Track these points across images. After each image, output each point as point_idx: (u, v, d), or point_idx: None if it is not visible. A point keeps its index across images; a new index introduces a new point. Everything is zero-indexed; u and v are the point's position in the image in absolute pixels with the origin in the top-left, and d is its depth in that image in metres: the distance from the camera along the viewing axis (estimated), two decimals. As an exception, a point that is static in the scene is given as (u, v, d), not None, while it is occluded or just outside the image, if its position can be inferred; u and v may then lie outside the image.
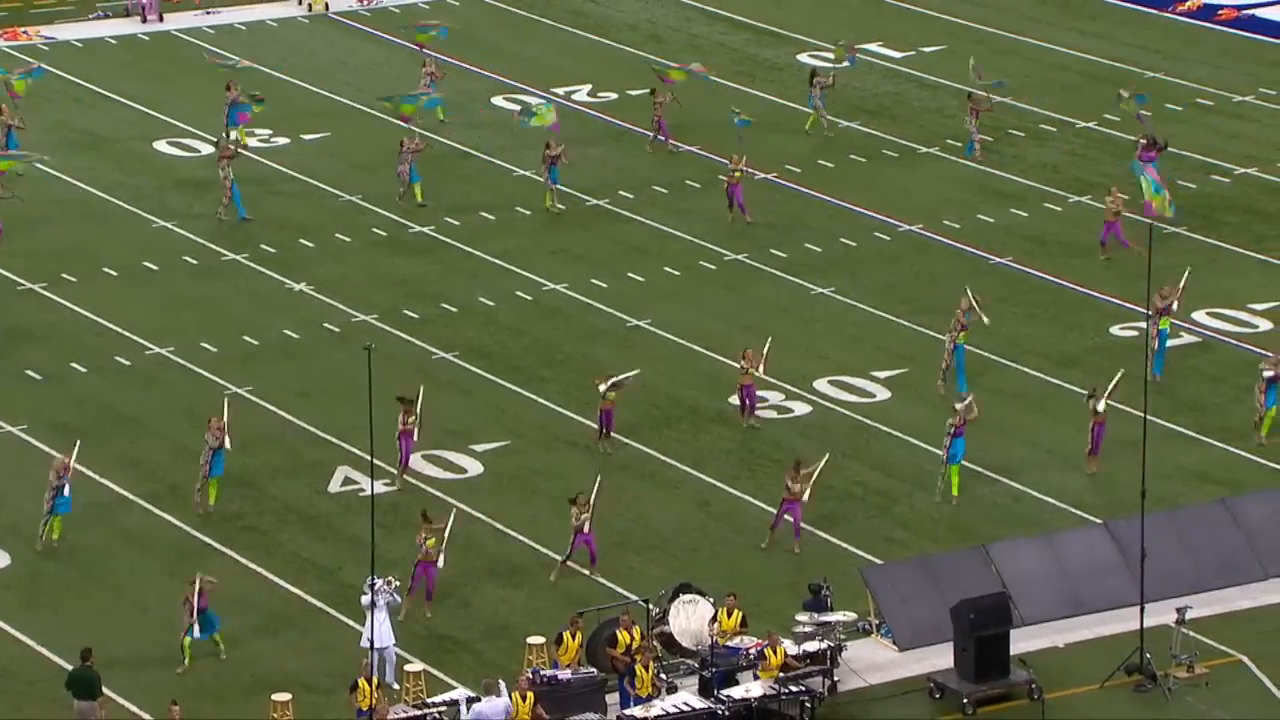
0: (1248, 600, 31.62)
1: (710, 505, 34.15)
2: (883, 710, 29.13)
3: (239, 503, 34.09)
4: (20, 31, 54.24)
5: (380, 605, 29.15)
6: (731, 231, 43.80)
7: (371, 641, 28.55)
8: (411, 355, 38.87)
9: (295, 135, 48.23)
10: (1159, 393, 35.18)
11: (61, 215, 43.77)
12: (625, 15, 56.70)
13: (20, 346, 38.76)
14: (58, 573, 31.89)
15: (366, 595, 29.17)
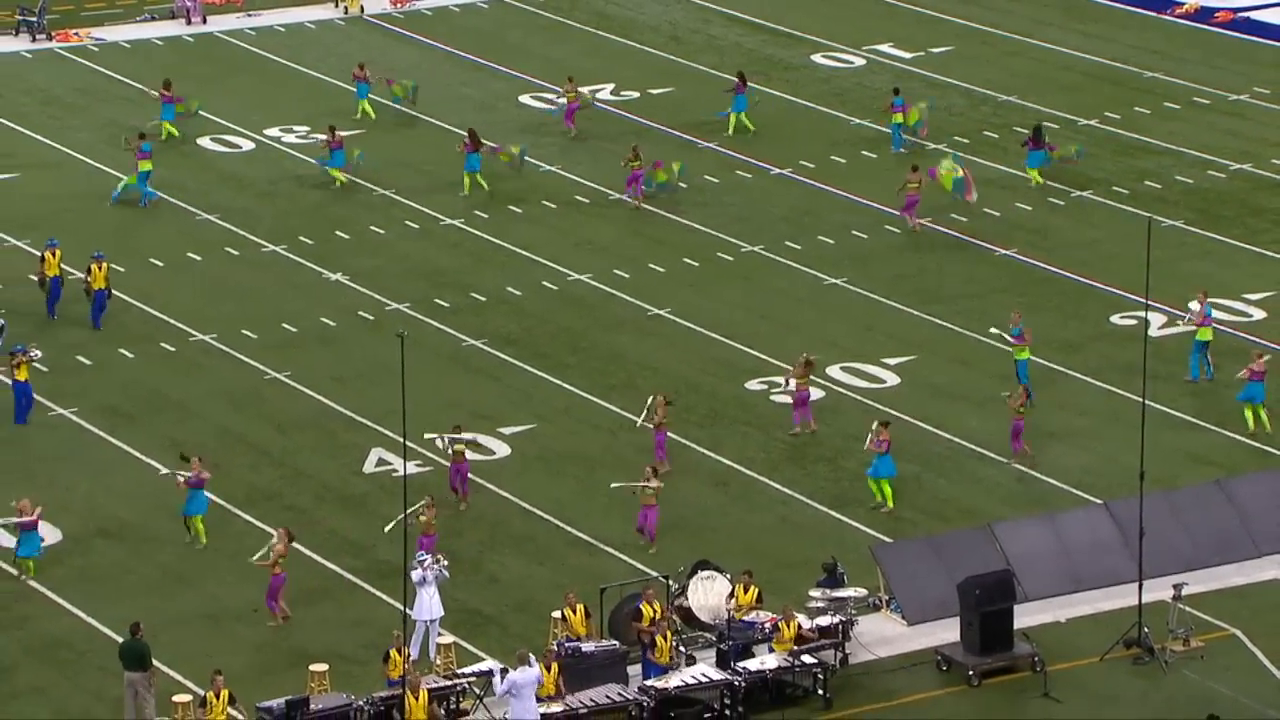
0: (1241, 577, 31.56)
1: (728, 486, 34.13)
2: (892, 681, 29.10)
3: (279, 483, 34.14)
4: (72, 33, 54.31)
5: (430, 580, 29.18)
6: (748, 224, 43.75)
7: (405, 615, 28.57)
8: (442, 342, 38.89)
9: (331, 132, 48.21)
10: (1157, 378, 35.06)
11: (111, 208, 43.77)
12: (647, 18, 56.65)
13: (71, 333, 38.83)
14: (106, 549, 31.97)
15: (417, 571, 29.20)
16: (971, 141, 48.19)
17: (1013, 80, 51.96)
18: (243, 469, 34.48)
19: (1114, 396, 36.47)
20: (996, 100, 50.65)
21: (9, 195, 44.39)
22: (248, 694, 27.53)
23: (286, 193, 45.41)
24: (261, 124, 48.45)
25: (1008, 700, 28.90)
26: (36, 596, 31.09)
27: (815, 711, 28.27)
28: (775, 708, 28.00)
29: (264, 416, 36.02)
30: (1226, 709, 27.31)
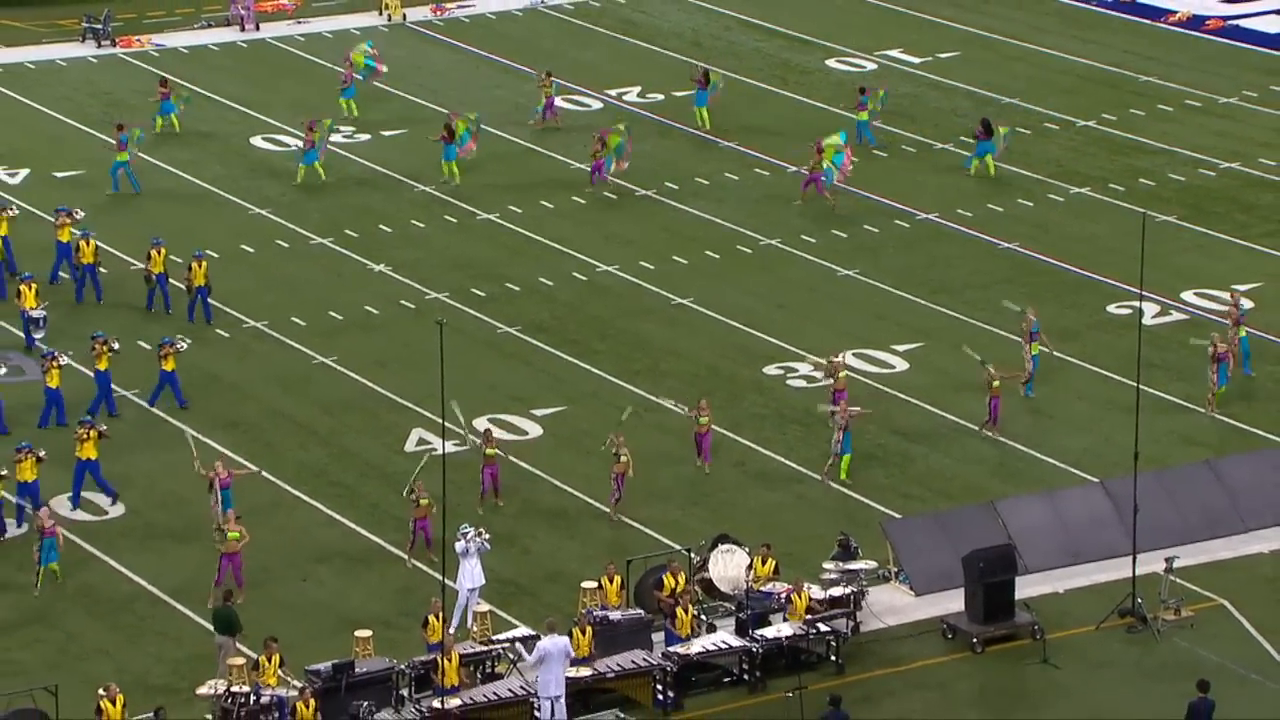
0: (1229, 551, 31.51)
1: (745, 464, 34.10)
2: (900, 648, 29.09)
3: (325, 460, 34.19)
4: (134, 39, 54.38)
5: (472, 552, 29.20)
6: (766, 219, 43.70)
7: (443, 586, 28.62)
8: (479, 329, 38.90)
9: (376, 132, 48.29)
10: (1152, 365, 34.95)
11: (169, 203, 43.85)
12: (671, 25, 56.57)
13: (134, 321, 38.90)
14: (166, 521, 32.07)
15: (460, 542, 29.22)
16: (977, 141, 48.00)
17: (1014, 83, 51.81)
18: (292, 448, 34.54)
19: (1110, 381, 36.38)
20: (1000, 102, 50.50)
21: (76, 190, 44.44)
22: (297, 658, 27.59)
23: (333, 188, 45.44)
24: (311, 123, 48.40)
25: (1009, 666, 28.88)
26: (101, 565, 31.19)
27: (828, 676, 28.25)
28: (791, 673, 27.97)
29: (312, 398, 36.08)
30: (1214, 674, 27.24)
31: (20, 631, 29.44)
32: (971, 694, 28.54)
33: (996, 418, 34.53)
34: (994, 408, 34.48)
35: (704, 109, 48.11)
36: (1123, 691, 28.29)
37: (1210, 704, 26.27)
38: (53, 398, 34.41)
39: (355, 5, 57.58)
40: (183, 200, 44.55)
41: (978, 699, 28.50)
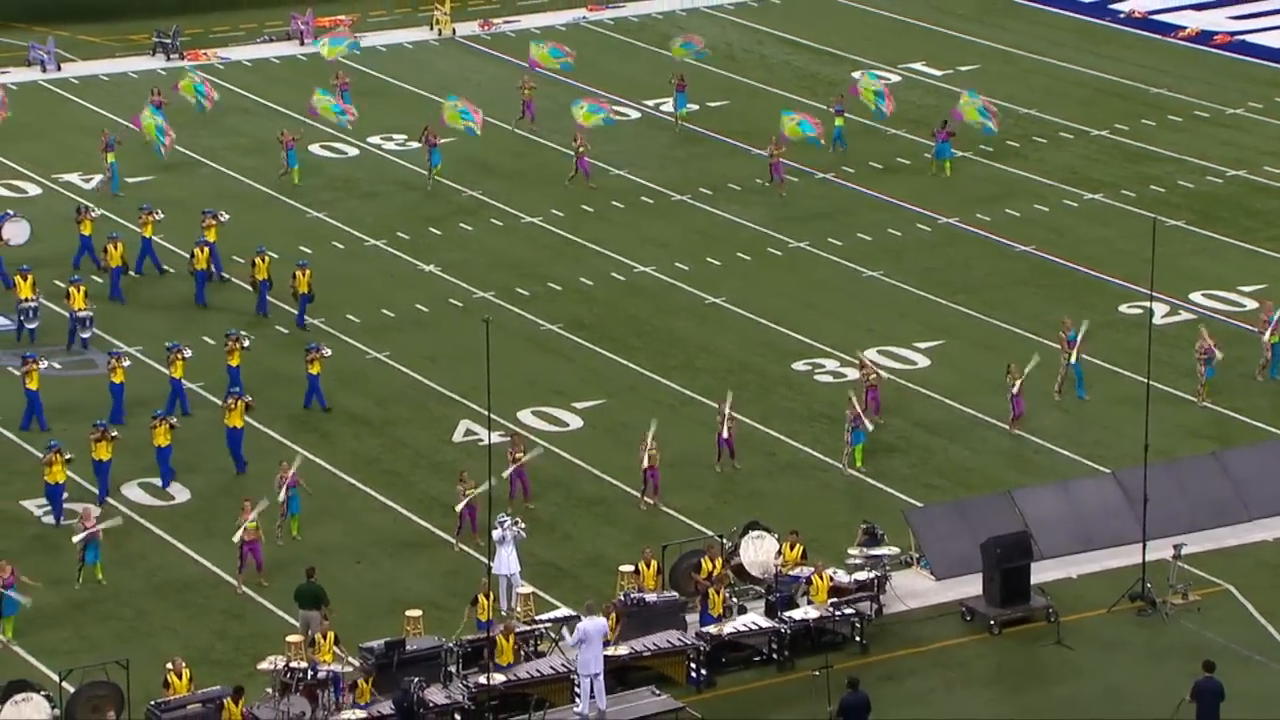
0: (1234, 539, 31.36)
1: (775, 455, 34.04)
2: (921, 630, 29.01)
3: (378, 450, 34.24)
4: (201, 52, 54.57)
5: (508, 539, 29.22)
6: (794, 222, 43.63)
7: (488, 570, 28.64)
8: (522, 326, 38.92)
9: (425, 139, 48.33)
10: (1160, 362, 34.80)
11: (232, 207, 43.99)
12: (706, 39, 56.36)
13: (199, 318, 39.03)
14: (229, 506, 32.11)
15: (498, 530, 29.23)
16: (995, 149, 47.90)
17: (1032, 95, 51.62)
18: (347, 438, 34.60)
19: (1121, 377, 36.22)
20: (1018, 113, 50.33)
21: (147, 197, 44.58)
22: (351, 636, 27.64)
23: (387, 194, 45.53)
24: (365, 133, 48.55)
25: (1024, 647, 28.78)
26: (169, 548, 31.30)
27: (853, 656, 28.19)
28: (817, 653, 27.92)
29: (366, 391, 36.14)
30: (1219, 655, 27.10)
31: (93, 609, 29.58)
32: (989, 673, 28.46)
33: (1021, 414, 34.29)
34: (1018, 405, 34.25)
35: (683, 111, 48.48)
36: (1132, 671, 28.18)
37: (1216, 684, 26.14)
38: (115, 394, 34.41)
39: (407, 21, 57.67)
40: (245, 203, 44.65)
41: (995, 678, 28.41)
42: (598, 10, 58.51)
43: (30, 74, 52.72)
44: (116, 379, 34.40)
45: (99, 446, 31.71)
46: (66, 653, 28.03)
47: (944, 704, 27.60)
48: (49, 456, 31.31)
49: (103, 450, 31.69)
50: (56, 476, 31.17)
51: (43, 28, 55.50)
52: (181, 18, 56.10)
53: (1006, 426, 34.59)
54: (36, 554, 30.20)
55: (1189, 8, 58.49)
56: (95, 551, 29.95)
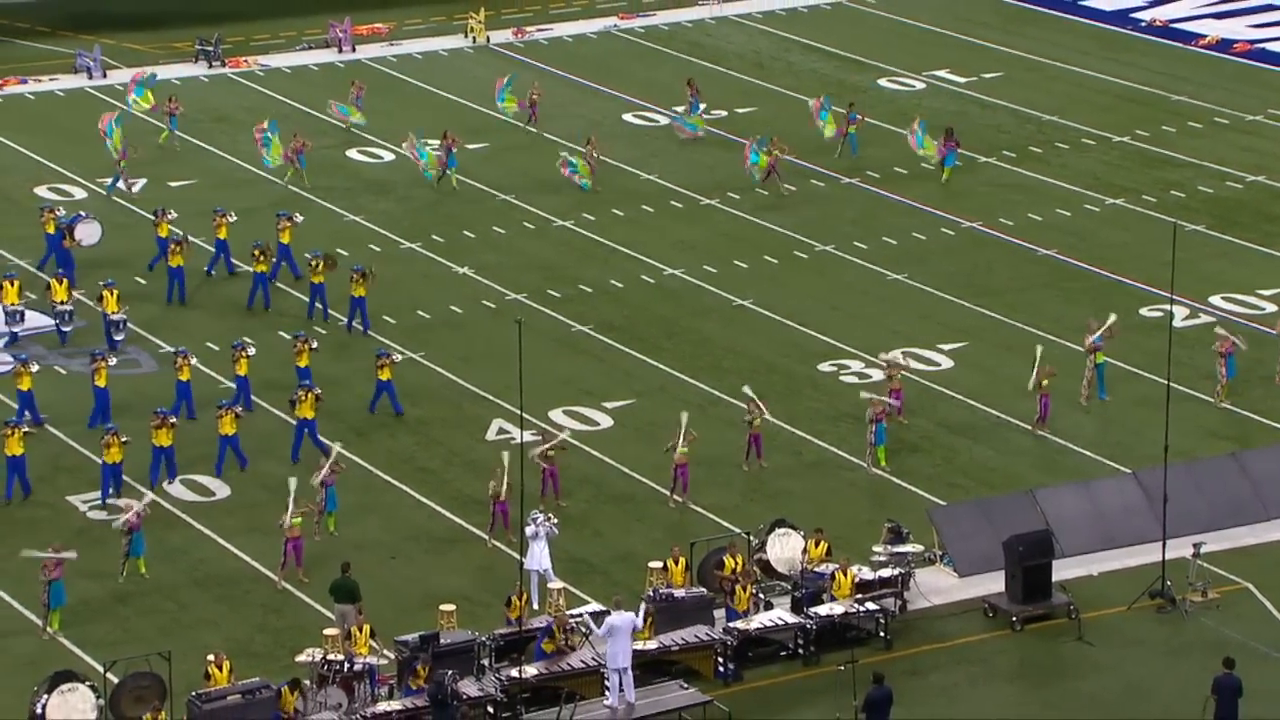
0: (1253, 538, 31.23)
1: (801, 454, 34.00)
2: (944, 626, 28.95)
3: (413, 448, 34.29)
4: (242, 60, 54.73)
5: (541, 535, 29.23)
6: (820, 226, 43.59)
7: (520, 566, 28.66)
8: (554, 328, 38.94)
9: (460, 145, 48.38)
10: (1180, 364, 34.64)
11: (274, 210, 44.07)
12: (734, 46, 56.48)
13: (239, 319, 39.12)
14: (268, 501, 32.20)
15: (531, 526, 29.25)
16: (1018, 154, 47.79)
17: (1054, 101, 51.47)
18: (383, 436, 34.66)
19: (1142, 379, 36.10)
20: (1040, 119, 50.22)
21: (187, 197, 44.74)
22: (387, 629, 27.69)
23: (421, 197, 45.60)
24: (401, 138, 48.62)
25: (1046, 643, 28.70)
26: (210, 542, 31.40)
27: (877, 651, 28.15)
28: (843, 648, 27.88)
29: (401, 390, 36.15)
30: (1238, 652, 26.99)
31: (137, 602, 29.69)
32: (1011, 668, 28.38)
33: (1046, 416, 34.21)
34: (1044, 406, 34.17)
35: (697, 115, 48.58)
36: (1152, 667, 28.09)
37: (1236, 680, 26.04)
38: (181, 392, 34.50)
39: (443, 29, 57.76)
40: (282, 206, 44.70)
41: (1017, 673, 28.34)
42: (628, 19, 58.52)
43: (77, 81, 52.96)
44: (183, 376, 34.49)
45: (159, 434, 32.17)
46: (110, 644, 28.14)
47: (967, 698, 27.53)
48: (107, 439, 31.79)
49: (163, 437, 32.17)
50: (114, 457, 31.68)
51: (89, 36, 55.74)
52: (223, 26, 56.27)
53: (1029, 427, 34.47)
54: (82, 548, 30.30)
55: (1209, 16, 58.27)
56: (140, 545, 30.03)
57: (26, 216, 43.93)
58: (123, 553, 30.10)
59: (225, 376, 35.90)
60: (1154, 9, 58.85)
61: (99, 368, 34.29)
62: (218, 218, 40.67)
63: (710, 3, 59.19)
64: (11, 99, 51.73)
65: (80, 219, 41.01)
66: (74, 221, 40.68)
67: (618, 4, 59.75)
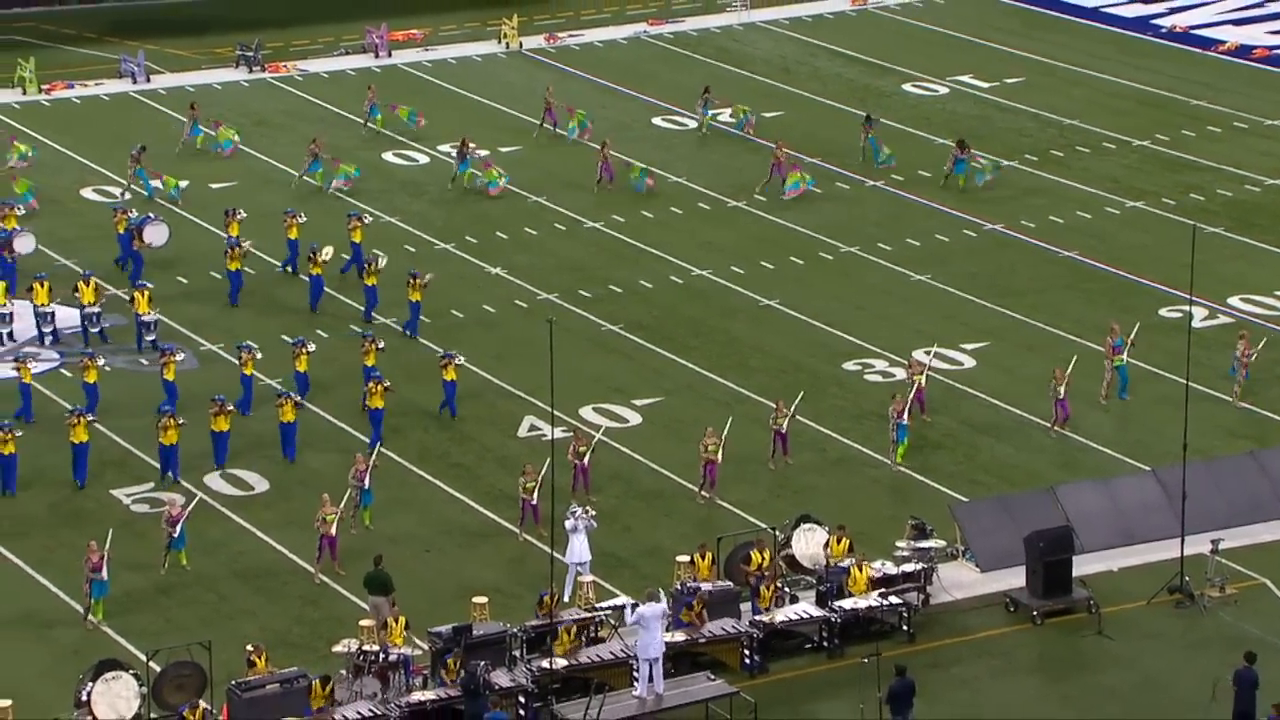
0: (1270, 534, 31.14)
1: (826, 452, 33.98)
2: (966, 620, 28.91)
3: (446, 444, 34.36)
4: (281, 65, 54.90)
5: (580, 529, 29.27)
6: (846, 228, 43.54)
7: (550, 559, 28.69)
8: (585, 327, 38.97)
9: (494, 148, 48.48)
10: (1199, 364, 34.53)
11: (311, 211, 44.26)
12: (761, 52, 56.44)
13: (279, 317, 39.26)
14: (304, 496, 32.33)
15: (570, 520, 29.30)
16: (1040, 158, 47.68)
17: (1075, 106, 51.33)
18: (417, 431, 34.75)
19: (1161, 379, 35.98)
20: (1061, 123, 50.09)
21: (228, 199, 44.89)
22: (421, 620, 27.76)
23: (455, 199, 45.68)
24: (435, 140, 48.75)
25: (1066, 637, 28.64)
26: (249, 535, 31.52)
27: (900, 644, 28.13)
28: (866, 641, 27.85)
29: (436, 388, 36.21)
30: (1255, 646, 26.88)
31: (179, 593, 29.82)
32: (1031, 661, 28.33)
33: (1066, 417, 34.09)
34: (1064, 407, 34.06)
35: (708, 116, 48.74)
36: (1170, 661, 28.01)
37: (1255, 674, 25.95)
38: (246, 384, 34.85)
39: (477, 35, 57.84)
40: (320, 208, 44.85)
41: (1037, 666, 28.29)
42: (658, 25, 58.53)
43: (121, 85, 53.18)
44: (247, 370, 34.78)
45: (217, 420, 32.74)
46: (153, 634, 28.27)
47: (988, 691, 27.50)
48: (164, 421, 32.32)
49: (221, 423, 32.75)
50: (170, 439, 32.25)
51: (133, 41, 55.97)
52: (263, 32, 56.46)
53: (1050, 425, 34.36)
54: (125, 541, 30.46)
55: (1229, 23, 58.02)
56: (183, 539, 30.16)
57: (72, 218, 44.16)
58: (165, 545, 30.22)
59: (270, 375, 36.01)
60: (1174, 15, 58.60)
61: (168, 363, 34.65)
62: (288, 218, 40.79)
63: (738, 9, 59.14)
64: (59, 103, 51.98)
65: (149, 221, 41.04)
66: (143, 223, 40.75)
67: (648, 10, 59.75)
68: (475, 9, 59.41)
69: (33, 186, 44.21)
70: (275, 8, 59.74)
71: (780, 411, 33.17)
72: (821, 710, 27.04)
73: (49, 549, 30.97)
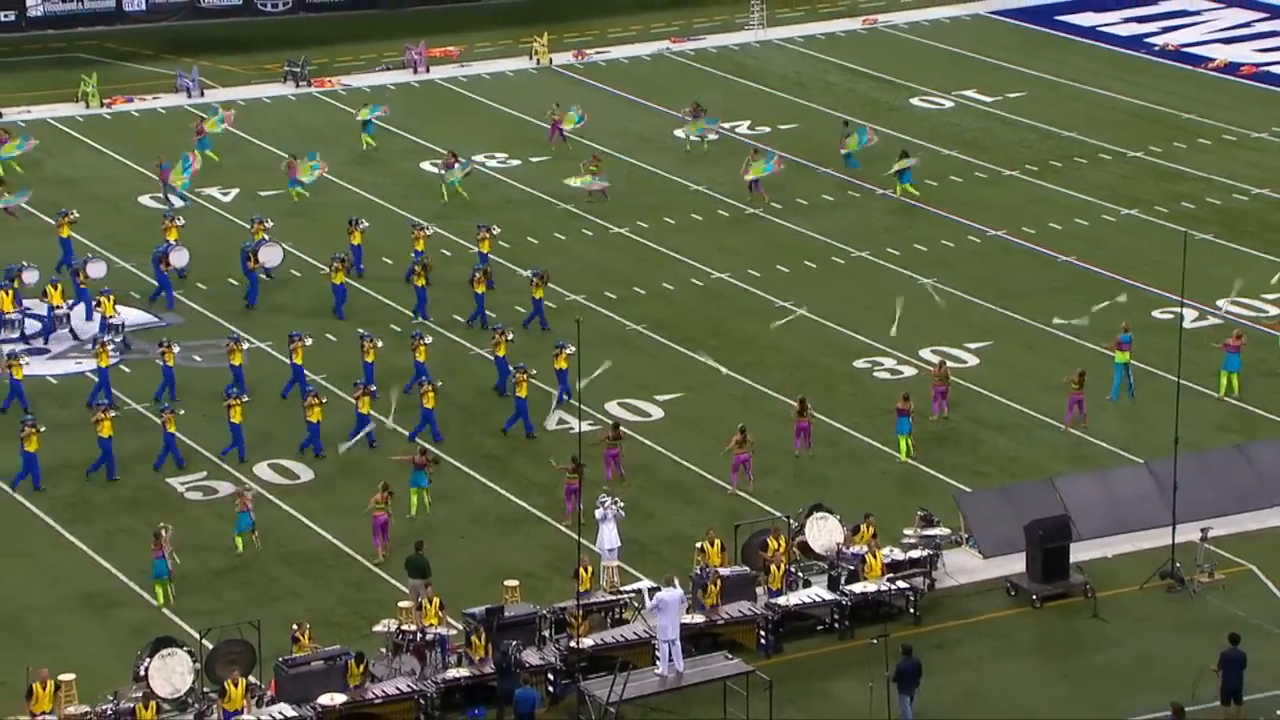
0: (1257, 523, 31.03)
1: (837, 444, 33.89)
2: (969, 604, 28.83)
3: (479, 435, 34.33)
4: (326, 80, 54.96)
5: (609, 518, 29.24)
6: (856, 234, 43.43)
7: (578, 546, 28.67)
8: (610, 326, 38.92)
9: (525, 158, 48.50)
10: (1189, 362, 34.35)
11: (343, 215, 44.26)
12: (776, 68, 56.34)
13: (322, 318, 39.26)
14: (345, 486, 32.37)
15: (599, 510, 29.27)
16: (1040, 168, 47.52)
17: (1073, 119, 51.15)
18: (454, 425, 34.73)
19: (1154, 376, 35.82)
20: (1060, 136, 49.91)
21: (273, 206, 44.94)
22: (455, 602, 27.76)
23: (490, 205, 45.64)
24: (471, 151, 48.74)
25: (1063, 619, 28.55)
26: (295, 522, 31.55)
27: (907, 626, 28.05)
28: (875, 623, 27.78)
29: (469, 384, 36.27)
30: (1242, 628, 26.77)
31: (230, 576, 29.89)
32: (1031, 642, 28.24)
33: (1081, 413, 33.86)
34: (1079, 404, 33.81)
35: (699, 125, 48.37)
36: (1162, 642, 27.92)
37: (1241, 654, 25.85)
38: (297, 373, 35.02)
39: (509, 51, 57.84)
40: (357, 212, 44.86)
41: (1036, 647, 28.20)
42: (680, 42, 58.48)
43: (177, 99, 53.33)
44: (297, 360, 34.95)
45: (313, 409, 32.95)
46: (206, 614, 28.33)
47: (990, 670, 27.42)
48: (231, 403, 32.76)
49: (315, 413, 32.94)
50: (235, 417, 32.59)
51: (189, 58, 56.12)
52: (310, 49, 56.55)
53: (1053, 422, 34.21)
54: (182, 528, 30.50)
55: (1218, 41, 57.83)
56: (247, 519, 30.13)
57: (130, 223, 44.22)
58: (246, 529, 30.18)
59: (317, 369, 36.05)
60: (1166, 34, 58.38)
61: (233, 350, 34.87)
62: (352, 226, 40.71)
63: (755, 28, 59.04)
64: (119, 116, 52.12)
65: (265, 243, 40.75)
66: (257, 246, 40.46)
67: (670, 29, 59.69)
68: (509, 27, 59.41)
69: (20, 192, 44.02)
70: (321, 27, 59.82)
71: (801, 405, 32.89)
72: (833, 688, 26.98)
73: (110, 534, 31.05)
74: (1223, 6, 60.82)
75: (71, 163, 48.49)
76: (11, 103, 51.93)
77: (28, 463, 31.98)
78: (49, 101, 52.39)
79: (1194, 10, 60.37)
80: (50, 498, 32.07)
